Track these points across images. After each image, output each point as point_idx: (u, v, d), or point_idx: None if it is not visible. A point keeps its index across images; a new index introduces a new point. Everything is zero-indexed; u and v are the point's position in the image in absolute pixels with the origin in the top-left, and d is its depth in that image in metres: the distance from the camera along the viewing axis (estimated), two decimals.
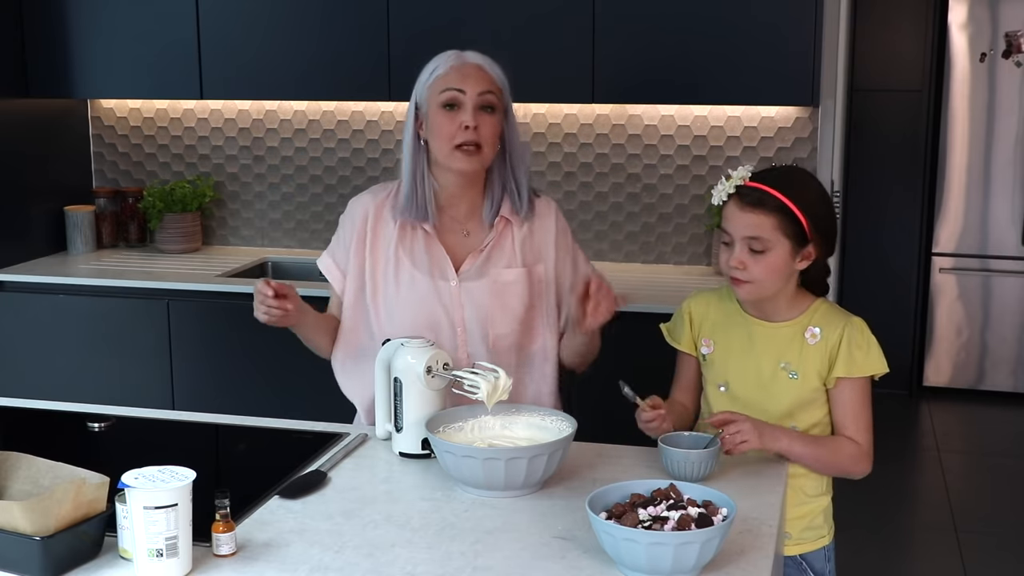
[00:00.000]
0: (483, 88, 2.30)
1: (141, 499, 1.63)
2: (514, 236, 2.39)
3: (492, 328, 2.36)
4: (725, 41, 3.46)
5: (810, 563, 2.28)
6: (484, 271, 2.37)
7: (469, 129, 2.27)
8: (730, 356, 2.24)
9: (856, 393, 2.17)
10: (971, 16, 5.41)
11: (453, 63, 2.32)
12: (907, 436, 5.33)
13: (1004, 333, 5.64)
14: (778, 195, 2.10)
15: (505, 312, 2.36)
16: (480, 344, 2.36)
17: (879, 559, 3.96)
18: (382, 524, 1.86)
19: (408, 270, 2.36)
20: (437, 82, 2.32)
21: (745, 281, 2.14)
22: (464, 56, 2.34)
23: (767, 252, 2.12)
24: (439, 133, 2.30)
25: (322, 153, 4.15)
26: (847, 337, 2.16)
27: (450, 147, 2.29)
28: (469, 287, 2.35)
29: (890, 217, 5.74)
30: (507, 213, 2.39)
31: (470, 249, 2.38)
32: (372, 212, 2.41)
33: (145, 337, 3.72)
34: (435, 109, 2.31)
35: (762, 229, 2.11)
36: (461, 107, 2.29)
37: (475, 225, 2.40)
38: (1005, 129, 5.47)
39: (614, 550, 1.67)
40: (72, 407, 2.55)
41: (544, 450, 1.95)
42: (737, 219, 2.13)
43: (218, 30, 3.82)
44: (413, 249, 2.37)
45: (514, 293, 2.37)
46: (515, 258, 2.38)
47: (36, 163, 4.07)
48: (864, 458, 2.17)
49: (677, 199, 3.88)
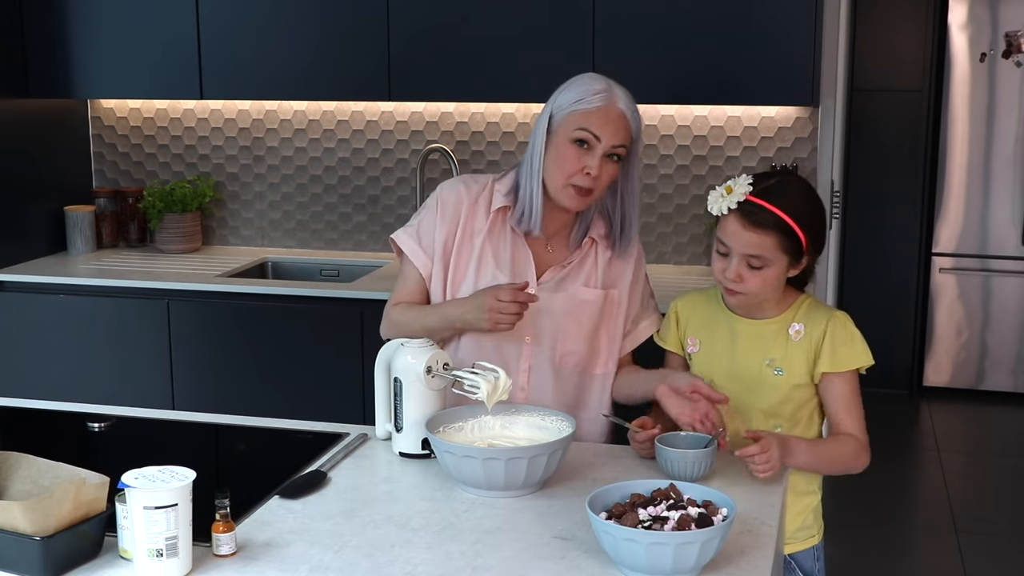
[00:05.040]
0: (619, 141, 2.23)
1: (141, 499, 1.63)
2: (598, 258, 2.37)
3: (562, 344, 2.34)
4: (725, 41, 3.47)
5: (799, 563, 2.28)
6: (563, 286, 2.35)
7: (589, 176, 2.23)
8: (715, 355, 2.26)
9: (846, 386, 2.18)
10: (971, 16, 5.41)
11: (600, 104, 2.22)
12: (907, 436, 5.33)
13: (1004, 333, 5.64)
14: (782, 215, 2.10)
15: (578, 329, 2.35)
16: (546, 358, 2.34)
17: (879, 559, 3.96)
18: (382, 524, 1.86)
19: (491, 268, 2.33)
20: (578, 116, 2.23)
21: (740, 293, 2.15)
22: (614, 97, 2.24)
23: (765, 268, 2.13)
24: (560, 164, 2.25)
25: (322, 153, 4.15)
26: (830, 332, 2.17)
27: (564, 181, 2.24)
28: (546, 297, 2.33)
29: (890, 217, 5.74)
30: (597, 235, 2.37)
31: (551, 262, 2.36)
32: (466, 201, 2.36)
33: (145, 337, 3.72)
34: (564, 139, 2.24)
35: (763, 248, 2.11)
36: (591, 150, 2.22)
37: (559, 242, 2.38)
38: (1005, 129, 5.47)
39: (614, 550, 1.67)
40: (72, 407, 2.55)
41: (544, 450, 1.95)
42: (739, 236, 2.12)
43: (218, 30, 3.82)
44: (499, 247, 2.35)
45: (589, 313, 2.35)
46: (596, 279, 2.36)
47: (36, 163, 4.06)
48: (864, 451, 2.18)
49: (677, 199, 3.88)
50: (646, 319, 2.42)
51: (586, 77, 2.29)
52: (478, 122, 3.99)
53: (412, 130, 4.06)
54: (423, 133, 4.05)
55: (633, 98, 2.27)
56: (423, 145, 4.03)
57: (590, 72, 2.34)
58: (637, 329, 2.41)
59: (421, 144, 4.04)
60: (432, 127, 4.04)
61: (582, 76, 2.30)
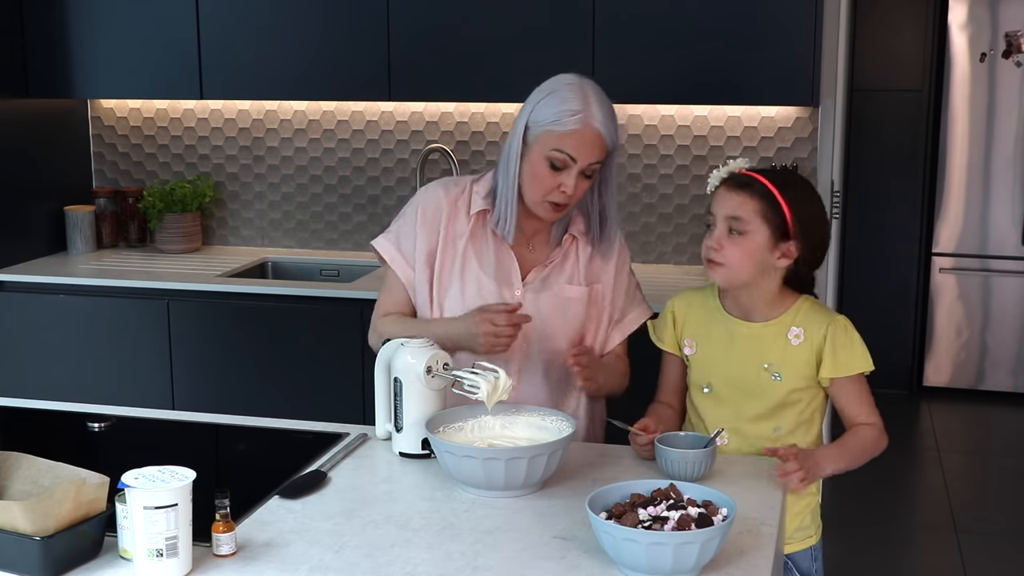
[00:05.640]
0: (594, 159, 2.23)
1: (141, 499, 1.63)
2: (579, 254, 2.38)
3: (550, 343, 2.34)
4: (725, 41, 3.47)
5: (796, 563, 2.27)
6: (547, 285, 2.35)
7: (565, 193, 2.23)
8: (713, 358, 2.25)
9: (855, 384, 2.21)
10: (971, 16, 5.41)
11: (578, 127, 2.20)
12: (907, 436, 5.33)
13: (1004, 333, 5.64)
14: (765, 181, 2.14)
15: (565, 328, 2.35)
16: (536, 358, 2.35)
17: (879, 559, 3.96)
18: (382, 524, 1.86)
19: (475, 272, 2.33)
20: (554, 137, 2.21)
21: (719, 264, 2.16)
22: (590, 118, 2.21)
23: (745, 235, 2.13)
24: (535, 181, 2.25)
25: (322, 153, 4.15)
26: (831, 337, 2.17)
27: (540, 198, 2.25)
28: (532, 299, 2.33)
29: (890, 217, 5.74)
30: (576, 232, 2.37)
31: (534, 262, 2.37)
32: (446, 206, 2.36)
33: (145, 337, 3.72)
34: (539, 157, 2.23)
35: (743, 209, 2.13)
36: (567, 169, 2.22)
37: (540, 240, 2.38)
38: (1005, 129, 5.47)
39: (614, 550, 1.67)
40: (72, 407, 2.55)
41: (544, 450, 1.95)
42: (722, 199, 2.16)
43: (218, 30, 3.82)
44: (482, 251, 2.35)
45: (575, 311, 2.36)
46: (578, 275, 2.37)
47: (36, 163, 4.06)
48: (882, 434, 2.21)
49: (677, 199, 3.88)
50: (633, 310, 2.43)
51: (563, 89, 2.24)
52: (478, 122, 3.99)
53: (412, 130, 4.06)
54: (423, 133, 4.05)
55: (610, 103, 2.25)
56: (423, 145, 4.03)
57: (568, 77, 2.28)
58: (624, 320, 2.42)
59: (421, 144, 4.04)
60: (432, 127, 4.04)
61: (559, 86, 2.25)
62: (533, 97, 2.28)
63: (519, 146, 2.26)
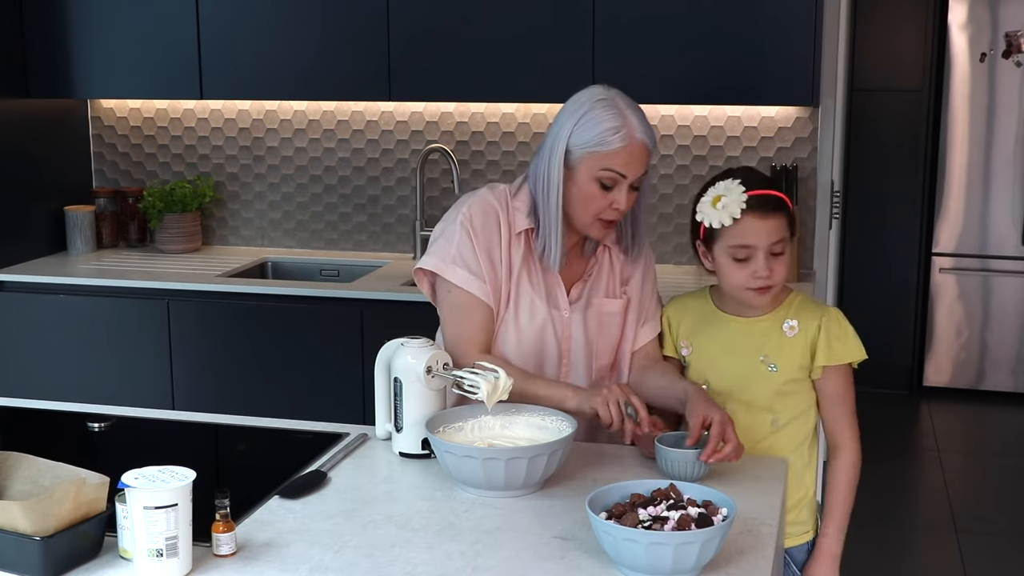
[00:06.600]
0: (643, 171, 2.19)
1: (141, 499, 1.63)
2: (613, 263, 2.36)
3: (597, 360, 2.33)
4: (725, 42, 3.47)
5: (793, 557, 2.29)
6: (589, 302, 2.33)
7: (618, 210, 2.20)
8: (709, 355, 2.27)
9: (840, 379, 2.22)
10: (971, 16, 5.42)
11: (624, 144, 2.14)
12: (907, 436, 5.33)
13: (1004, 333, 5.64)
14: (780, 195, 2.17)
15: (609, 343, 2.34)
16: (583, 378, 2.32)
17: (879, 558, 3.96)
18: (382, 524, 1.86)
19: (528, 294, 2.28)
20: (600, 158, 2.16)
21: (771, 287, 2.17)
22: (633, 132, 2.15)
23: (783, 252, 2.17)
24: (586, 203, 2.20)
25: (322, 153, 4.15)
26: (825, 328, 2.20)
27: (592, 218, 2.21)
28: (579, 319, 2.31)
29: (890, 217, 5.74)
30: (609, 242, 2.34)
31: (572, 277, 2.33)
32: (495, 220, 2.26)
33: (145, 337, 3.72)
34: (587, 179, 2.18)
35: (782, 231, 2.16)
36: (616, 187, 2.18)
37: (574, 254, 2.34)
38: (1005, 129, 5.47)
39: (614, 550, 1.67)
40: (72, 407, 2.55)
41: (544, 450, 1.95)
42: (760, 230, 2.13)
43: (218, 30, 3.82)
44: (531, 270, 2.29)
45: (615, 324, 2.34)
46: (613, 286, 2.35)
47: (36, 163, 4.06)
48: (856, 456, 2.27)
49: (677, 199, 3.88)
50: (648, 323, 2.40)
51: (598, 108, 2.16)
52: (478, 122, 3.99)
53: (412, 130, 4.06)
54: (423, 133, 4.05)
55: (640, 108, 2.21)
56: (423, 145, 4.03)
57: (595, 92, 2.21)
58: (638, 333, 2.38)
59: (421, 144, 4.04)
60: (432, 127, 4.04)
61: (592, 105, 2.18)
62: (565, 121, 2.20)
63: (560, 171, 2.20)
